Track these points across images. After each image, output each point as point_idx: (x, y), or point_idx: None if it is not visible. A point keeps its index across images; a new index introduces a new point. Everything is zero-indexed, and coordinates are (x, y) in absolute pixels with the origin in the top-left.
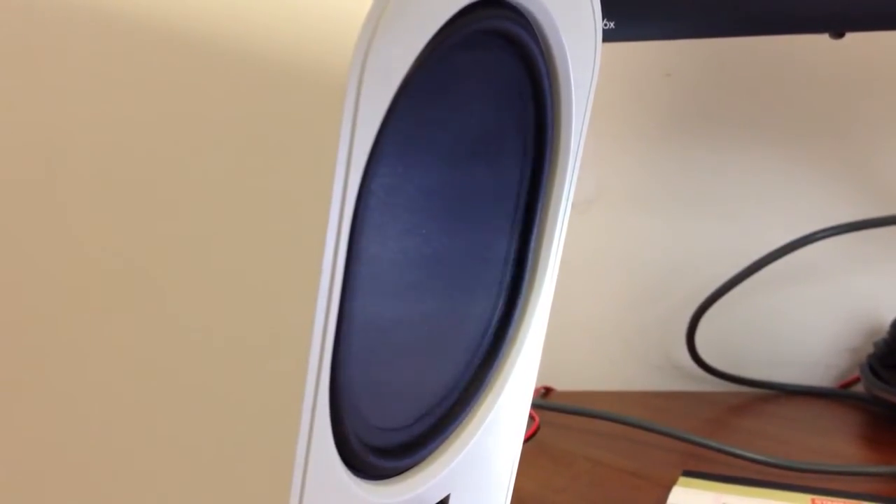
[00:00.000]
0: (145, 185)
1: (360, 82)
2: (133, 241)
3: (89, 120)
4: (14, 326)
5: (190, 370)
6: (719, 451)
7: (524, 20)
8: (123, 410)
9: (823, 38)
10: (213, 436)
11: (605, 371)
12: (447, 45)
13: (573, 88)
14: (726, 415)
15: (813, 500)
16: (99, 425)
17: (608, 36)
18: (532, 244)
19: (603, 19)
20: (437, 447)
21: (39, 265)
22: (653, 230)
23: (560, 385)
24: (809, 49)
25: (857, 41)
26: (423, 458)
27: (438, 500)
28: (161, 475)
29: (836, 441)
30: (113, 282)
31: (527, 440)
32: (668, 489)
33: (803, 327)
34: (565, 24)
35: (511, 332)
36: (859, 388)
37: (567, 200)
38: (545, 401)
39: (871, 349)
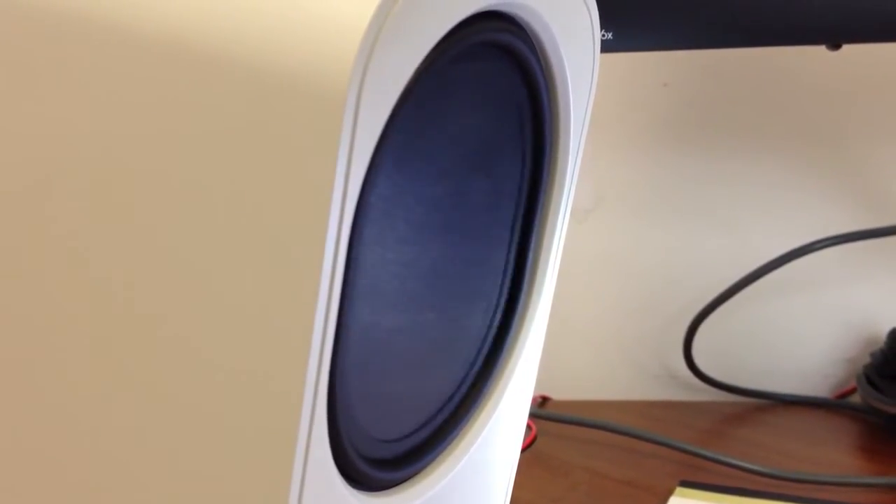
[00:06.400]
0: (142, 197)
1: (359, 94)
2: (130, 252)
3: (86, 130)
4: (10, 338)
5: (186, 382)
6: (716, 461)
7: (522, 32)
8: (119, 425)
9: (820, 49)
10: (210, 446)
11: (602, 380)
12: (446, 57)
13: (571, 99)
14: (723, 425)
15: None
16: (94, 440)
17: (606, 47)
18: (530, 253)
19: (601, 30)
20: (434, 458)
21: (35, 277)
22: (650, 239)
23: (557, 394)
24: (807, 59)
25: (854, 52)
26: (420, 469)
27: None
28: (157, 488)
29: (833, 451)
30: (110, 293)
31: (524, 450)
32: (664, 499)
33: (800, 337)
34: (563, 36)
35: (509, 341)
36: (856, 399)
37: (565, 210)
38: (542, 410)
39: (867, 359)
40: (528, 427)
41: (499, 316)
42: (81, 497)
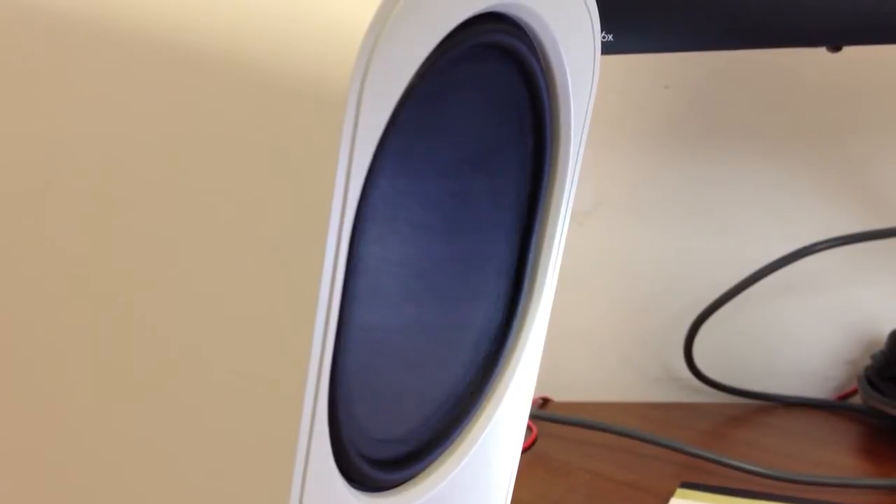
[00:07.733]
0: (142, 198)
1: (360, 95)
2: (130, 253)
3: (86, 131)
4: (10, 339)
5: (187, 382)
6: (717, 462)
7: (523, 34)
8: (120, 424)
9: (821, 51)
10: (211, 447)
11: (602, 382)
12: (447, 58)
13: (572, 101)
14: (724, 426)
15: None
16: (95, 439)
17: (607, 49)
18: (531, 255)
19: (601, 32)
20: (435, 458)
21: (36, 278)
22: (651, 241)
23: (558, 396)
24: (807, 61)
25: (855, 54)
26: (421, 470)
27: None
28: (158, 487)
29: (834, 453)
30: (110, 295)
31: (524, 451)
32: (665, 501)
33: (801, 339)
34: (564, 38)
35: (510, 342)
36: (857, 400)
37: (566, 211)
38: (543, 411)
39: (868, 361)
40: (529, 428)
41: (499, 317)
42: (83, 499)
